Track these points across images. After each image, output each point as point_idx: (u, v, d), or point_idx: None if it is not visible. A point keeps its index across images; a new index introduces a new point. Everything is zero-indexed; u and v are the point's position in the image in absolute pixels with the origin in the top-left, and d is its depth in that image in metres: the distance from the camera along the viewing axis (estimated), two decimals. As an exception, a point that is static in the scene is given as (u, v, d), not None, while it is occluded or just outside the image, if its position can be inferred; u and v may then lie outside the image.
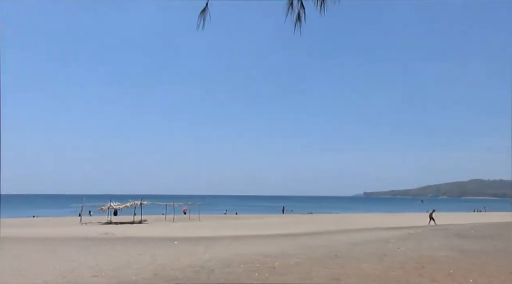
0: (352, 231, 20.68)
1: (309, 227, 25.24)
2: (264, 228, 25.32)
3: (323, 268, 8.53)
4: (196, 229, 24.94)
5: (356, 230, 22.06)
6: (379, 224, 28.50)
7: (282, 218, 40.57)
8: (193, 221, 35.06)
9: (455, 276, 7.32)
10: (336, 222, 32.77)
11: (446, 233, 16.56)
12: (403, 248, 11.65)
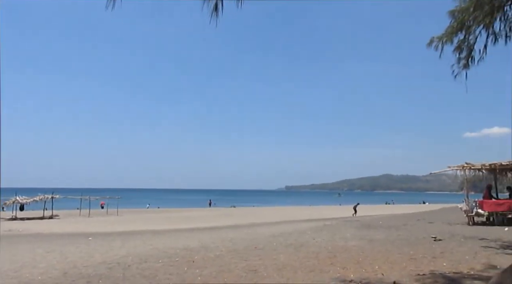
0: (273, 224, 21.28)
1: (231, 220, 25.50)
2: (186, 221, 25.05)
3: (243, 260, 8.64)
4: (113, 224, 23.88)
5: (276, 222, 22.75)
6: (298, 216, 29.71)
7: (205, 212, 40.45)
8: (111, 215, 33.56)
9: (363, 263, 7.84)
10: (258, 215, 33.49)
11: (358, 224, 17.71)
12: (319, 239, 12.24)
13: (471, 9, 6.90)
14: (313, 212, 37.75)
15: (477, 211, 17.42)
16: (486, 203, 17.51)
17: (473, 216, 17.49)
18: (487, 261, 7.80)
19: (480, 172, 19.38)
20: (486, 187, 18.94)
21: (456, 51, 7.90)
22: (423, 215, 24.96)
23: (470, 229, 14.96)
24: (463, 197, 18.76)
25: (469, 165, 18.37)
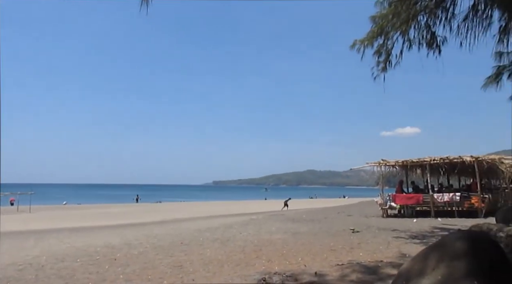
0: (200, 219, 21.13)
1: (157, 216, 24.84)
2: (109, 218, 23.91)
3: (168, 256, 8.48)
4: (25, 222, 22.03)
5: (203, 217, 22.62)
6: (225, 211, 29.83)
7: (130, 208, 38.94)
8: (23, 213, 30.95)
9: (287, 256, 8.10)
10: (185, 210, 33.03)
11: (283, 218, 18.25)
12: (245, 233, 12.40)
13: (389, 16, 7.40)
14: (240, 206, 38.14)
15: (390, 204, 18.85)
16: (398, 197, 19.02)
17: (387, 209, 18.91)
18: (398, 250, 8.49)
19: (394, 168, 20.99)
20: (398, 182, 20.58)
21: (376, 54, 8.42)
22: (343, 208, 26.44)
23: (384, 221, 16.15)
24: (379, 191, 20.20)
25: (385, 161, 19.80)
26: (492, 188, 22.73)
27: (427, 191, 19.11)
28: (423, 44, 7.96)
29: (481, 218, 15.60)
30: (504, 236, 6.49)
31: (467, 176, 24.31)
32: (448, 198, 17.79)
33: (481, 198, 17.38)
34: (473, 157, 17.70)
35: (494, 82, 6.80)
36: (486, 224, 7.68)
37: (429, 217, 17.08)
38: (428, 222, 14.81)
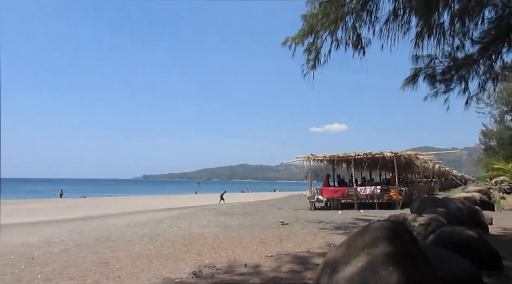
0: (128, 214, 20.40)
1: (82, 212, 23.55)
2: (28, 215, 22.18)
3: (93, 253, 8.08)
4: None
5: (132, 212, 21.87)
6: (156, 205, 29.11)
7: (53, 203, 36.45)
8: None
9: (217, 249, 8.12)
10: (112, 205, 31.67)
11: (215, 212, 18.26)
12: (175, 227, 12.22)
13: (319, 16, 7.67)
14: (171, 201, 37.45)
15: (318, 197, 19.68)
16: (325, 190, 19.90)
17: (315, 202, 19.72)
18: (324, 240, 8.90)
19: (322, 162, 21.92)
20: (325, 176, 21.53)
21: (306, 52, 8.68)
22: (273, 202, 27.08)
23: (312, 213, 16.82)
24: (308, 185, 20.99)
25: (313, 156, 20.59)
26: (408, 182, 24.68)
27: (351, 184, 20.24)
28: (350, 45, 8.34)
29: (399, 209, 16.88)
30: (417, 225, 7.10)
31: (388, 170, 26.13)
32: (370, 191, 18.99)
33: (398, 191, 18.79)
34: (392, 153, 19.05)
35: (411, 83, 7.36)
36: (402, 214, 8.34)
37: (353, 209, 18.11)
38: (352, 214, 15.70)
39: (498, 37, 6.07)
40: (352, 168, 20.82)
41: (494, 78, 7.23)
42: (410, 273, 4.00)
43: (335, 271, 4.35)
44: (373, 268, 4.01)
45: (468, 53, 7.04)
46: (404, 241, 4.39)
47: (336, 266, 4.43)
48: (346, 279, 4.07)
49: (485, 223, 10.19)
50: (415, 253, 4.38)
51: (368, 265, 4.07)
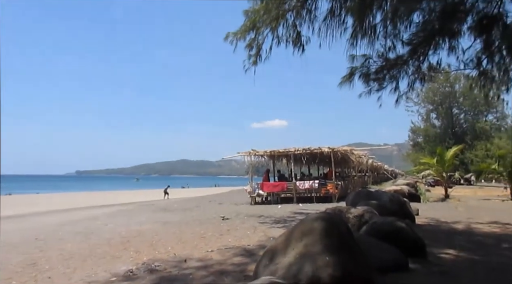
0: (60, 212, 19.29)
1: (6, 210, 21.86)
2: None
3: (19, 254, 7.55)
4: None
5: (64, 210, 20.70)
6: (91, 202, 27.79)
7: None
8: None
9: (156, 246, 7.94)
10: (42, 202, 29.74)
11: (154, 208, 17.83)
12: (112, 224, 11.77)
13: (261, 12, 7.73)
14: (108, 197, 35.93)
15: (258, 192, 19.94)
16: (265, 185, 20.21)
17: (255, 196, 19.95)
18: (264, 234, 9.04)
19: (263, 158, 22.22)
20: (265, 171, 21.85)
21: (248, 48, 8.72)
22: (214, 197, 26.99)
23: (252, 208, 17.02)
24: (248, 180, 21.18)
25: (254, 151, 20.81)
26: (344, 176, 25.79)
27: (291, 179, 20.73)
28: (290, 42, 8.49)
29: (335, 202, 17.57)
30: (351, 217, 7.44)
31: (325, 165, 27.11)
32: (308, 185, 19.59)
33: (335, 185, 19.57)
34: (330, 148, 19.77)
35: (348, 81, 7.68)
36: (338, 207, 8.70)
37: (292, 203, 18.58)
38: (291, 208, 16.09)
39: (425, 39, 6.53)
40: (292, 163, 21.33)
41: (421, 78, 7.76)
42: (345, 262, 4.19)
43: (274, 261, 4.44)
44: (310, 257, 4.14)
45: (399, 54, 7.47)
46: (339, 232, 4.59)
47: (275, 256, 4.53)
48: (284, 268, 4.17)
49: (412, 214, 10.93)
50: (349, 243, 4.59)
51: (306, 254, 4.20)
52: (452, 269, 5.71)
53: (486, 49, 6.29)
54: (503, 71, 7.18)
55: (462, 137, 50.04)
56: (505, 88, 7.68)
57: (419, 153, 45.44)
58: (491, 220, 11.65)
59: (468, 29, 5.98)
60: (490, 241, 8.15)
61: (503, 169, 22.41)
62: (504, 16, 5.66)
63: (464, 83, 43.23)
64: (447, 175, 25.37)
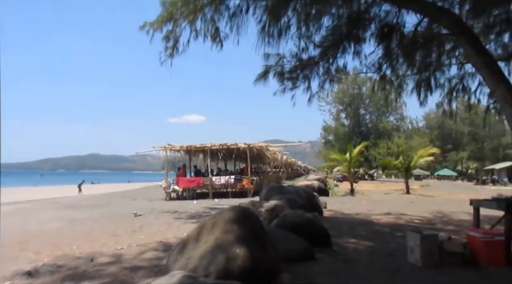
0: None
1: None
2: None
3: None
4: None
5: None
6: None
7: None
8: None
9: (60, 245, 7.42)
10: None
11: (59, 205, 16.60)
12: (7, 224, 10.72)
13: (179, 4, 7.59)
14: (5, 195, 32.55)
15: (174, 187, 19.60)
16: (181, 181, 19.94)
17: (170, 192, 19.59)
18: (178, 230, 8.93)
19: (179, 153, 21.88)
20: (182, 167, 21.57)
21: (165, 39, 8.50)
22: (127, 193, 25.92)
23: (167, 204, 16.69)
24: (164, 175, 20.72)
25: (170, 146, 20.40)
26: (260, 172, 26.43)
27: (207, 174, 20.70)
28: (208, 37, 8.46)
29: (250, 197, 17.95)
30: (264, 210, 7.68)
31: (241, 161, 27.50)
32: (224, 180, 19.75)
33: (250, 180, 19.98)
34: (246, 144, 20.13)
35: (262, 79, 7.88)
36: (251, 201, 8.93)
37: (208, 198, 18.58)
38: (206, 203, 16.10)
39: (334, 43, 6.95)
40: (208, 158, 21.31)
41: (331, 80, 8.25)
42: (255, 254, 4.33)
43: (185, 255, 4.44)
44: (221, 250, 4.21)
45: (311, 55, 7.85)
46: (250, 225, 4.72)
47: (186, 250, 4.53)
48: (195, 261, 4.20)
49: (320, 207, 11.60)
50: (260, 235, 4.75)
51: (217, 247, 4.27)
52: (353, 256, 6.19)
53: (386, 56, 6.90)
54: (399, 76, 7.95)
55: (367, 136, 54.29)
56: (401, 91, 8.49)
57: (329, 150, 48.24)
58: (389, 211, 12.84)
59: (371, 36, 6.52)
60: (386, 230, 8.99)
61: (401, 165, 24.79)
62: (401, 26, 6.28)
63: (369, 86, 46.89)
64: (354, 171, 27.34)
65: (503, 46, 7.86)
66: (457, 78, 8.19)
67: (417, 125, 70.72)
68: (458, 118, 56.19)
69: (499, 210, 5.85)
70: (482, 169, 59.24)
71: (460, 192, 24.54)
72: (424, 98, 8.18)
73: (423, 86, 8.15)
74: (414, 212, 12.63)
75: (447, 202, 17.29)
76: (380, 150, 49.58)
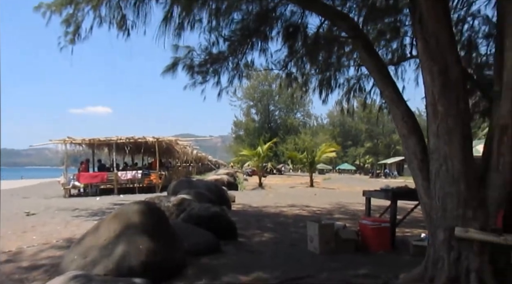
0: None
1: None
2: None
3: None
4: None
5: None
6: None
7: None
8: None
9: None
10: None
11: None
12: None
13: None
14: None
15: (74, 183, 18.32)
16: (83, 176, 18.72)
17: (70, 188, 18.27)
18: (77, 228, 8.36)
19: (81, 146, 20.47)
20: (84, 161, 20.24)
21: (64, 23, 7.83)
22: (18, 190, 23.51)
23: (66, 201, 15.54)
24: (63, 170, 19.23)
25: (70, 139, 18.99)
26: (169, 166, 25.91)
27: (112, 169, 19.69)
28: (114, 24, 7.99)
29: (158, 192, 17.50)
30: (171, 205, 7.56)
31: (150, 155, 26.67)
32: (131, 175, 18.98)
33: (159, 175, 19.47)
34: (154, 138, 19.56)
35: (171, 71, 7.68)
36: (158, 196, 8.72)
37: (113, 194, 17.71)
38: (111, 199, 15.31)
39: (243, 38, 7.06)
40: (114, 152, 20.25)
41: (239, 75, 8.36)
42: (158, 249, 4.25)
43: (83, 254, 4.19)
44: (122, 247, 4.07)
45: (221, 49, 7.85)
46: (154, 219, 4.62)
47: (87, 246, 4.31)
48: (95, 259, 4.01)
49: (229, 201, 11.77)
50: (164, 229, 4.68)
51: (119, 242, 4.12)
52: (259, 247, 6.40)
53: (291, 54, 7.20)
54: (304, 75, 8.35)
55: (276, 132, 56.31)
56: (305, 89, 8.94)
57: (240, 145, 49.06)
58: (294, 203, 13.50)
59: (277, 34, 6.75)
60: (290, 222, 9.44)
61: (306, 160, 26.20)
62: (305, 27, 6.60)
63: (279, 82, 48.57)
64: (262, 165, 28.19)
65: (393, 52, 8.71)
66: (354, 78, 8.86)
67: (322, 122, 75.41)
68: (357, 117, 61.20)
69: (386, 199, 6.51)
70: (376, 163, 65.20)
71: (357, 184, 26.69)
72: (326, 97, 8.71)
73: (324, 85, 8.66)
74: (316, 204, 13.45)
75: (345, 194, 18.71)
76: (288, 146, 51.76)
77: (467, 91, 4.52)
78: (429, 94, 3.97)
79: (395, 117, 4.71)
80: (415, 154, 4.40)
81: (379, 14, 6.68)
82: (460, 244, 3.68)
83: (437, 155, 3.92)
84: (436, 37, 3.86)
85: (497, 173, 3.72)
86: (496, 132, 3.75)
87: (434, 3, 3.86)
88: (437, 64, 3.86)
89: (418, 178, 4.35)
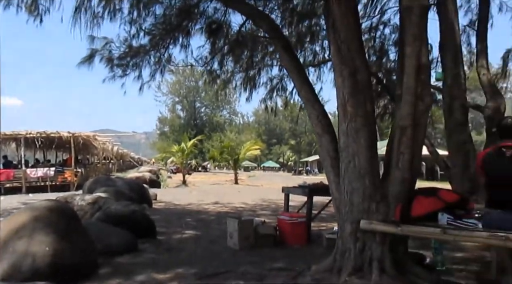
0: None
1: None
2: None
3: None
4: None
5: None
6: None
7: None
8: None
9: None
10: None
11: None
12: None
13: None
14: None
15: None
16: None
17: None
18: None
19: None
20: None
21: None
22: None
23: (-36, 201, 14.00)
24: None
25: (-31, 133, 17.13)
26: (86, 163, 24.52)
27: (20, 166, 18.13)
28: (23, 8, 7.36)
29: (73, 191, 16.46)
30: (85, 204, 7.18)
31: (65, 151, 25.00)
32: (42, 173, 17.63)
33: (74, 172, 18.32)
34: (70, 133, 18.38)
35: (87, 63, 7.25)
36: (71, 195, 8.23)
37: (21, 193, 16.33)
38: (18, 198, 14.08)
39: (166, 32, 6.90)
40: (22, 148, 18.63)
41: (162, 70, 8.15)
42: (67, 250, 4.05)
43: None
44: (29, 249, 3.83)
45: (142, 43, 7.60)
46: (63, 219, 4.38)
47: None
48: None
49: (150, 199, 11.46)
50: (74, 230, 4.44)
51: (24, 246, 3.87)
52: (178, 245, 6.33)
53: (213, 51, 7.20)
54: (228, 72, 8.41)
55: (202, 129, 55.91)
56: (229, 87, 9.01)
57: (165, 142, 47.93)
58: (217, 200, 13.53)
59: (200, 30, 6.70)
60: (212, 218, 9.46)
61: (229, 157, 26.37)
62: (228, 24, 6.65)
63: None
64: (187, 162, 27.85)
65: (314, 54, 9.12)
66: (277, 78, 9.13)
67: (248, 120, 76.45)
68: (281, 115, 62.97)
69: (303, 195, 6.80)
70: (299, 161, 67.74)
71: (280, 181, 27.46)
72: (250, 95, 8.87)
73: (248, 83, 8.80)
74: (239, 201, 13.61)
75: (269, 190, 19.18)
76: (214, 143, 51.71)
77: (373, 94, 4.89)
78: (340, 96, 4.23)
79: (311, 116, 4.94)
80: (328, 152, 4.66)
81: (299, 17, 6.95)
82: (364, 235, 3.98)
83: (347, 152, 4.20)
84: (347, 43, 4.12)
85: (397, 170, 4.07)
86: (397, 133, 4.10)
87: (345, 11, 4.11)
88: (348, 67, 4.13)
89: (330, 174, 4.62)
